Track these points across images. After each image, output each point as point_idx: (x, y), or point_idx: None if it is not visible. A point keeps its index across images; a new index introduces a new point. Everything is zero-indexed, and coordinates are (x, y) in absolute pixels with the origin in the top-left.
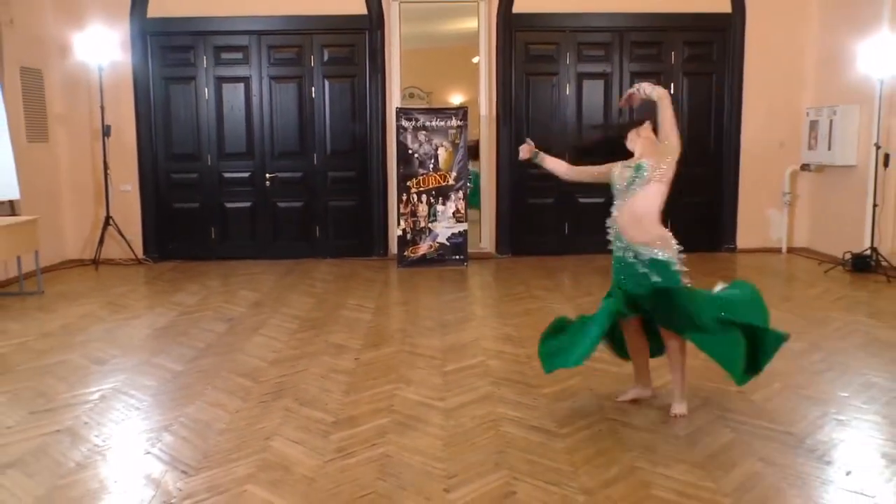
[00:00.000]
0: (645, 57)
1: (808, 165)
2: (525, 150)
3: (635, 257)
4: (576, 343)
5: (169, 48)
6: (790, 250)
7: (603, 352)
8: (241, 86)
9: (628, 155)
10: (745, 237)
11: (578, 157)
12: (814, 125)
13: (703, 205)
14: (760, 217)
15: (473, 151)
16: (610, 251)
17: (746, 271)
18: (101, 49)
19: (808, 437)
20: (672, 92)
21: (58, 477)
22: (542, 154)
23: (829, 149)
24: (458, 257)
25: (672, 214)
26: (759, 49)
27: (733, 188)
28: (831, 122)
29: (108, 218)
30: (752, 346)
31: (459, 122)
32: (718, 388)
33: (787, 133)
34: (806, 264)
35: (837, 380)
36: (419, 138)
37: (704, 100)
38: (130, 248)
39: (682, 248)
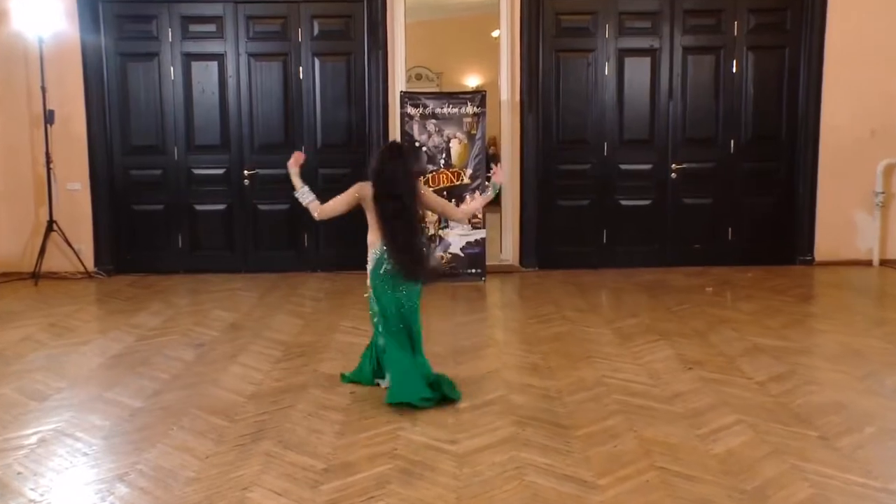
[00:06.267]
0: (701, 28)
1: None
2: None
3: None
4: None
5: (126, 17)
6: (883, 263)
7: (653, 386)
8: (215, 64)
9: None
10: (826, 247)
11: None
12: None
13: (773, 207)
14: (846, 222)
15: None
16: (655, 265)
17: (826, 289)
18: (42, 16)
19: None
20: (734, 70)
21: None
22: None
23: None
24: (474, 271)
25: (734, 219)
26: (845, 16)
27: (811, 187)
28: None
29: (51, 222)
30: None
31: (476, 109)
32: (794, 432)
33: (879, 119)
34: None
35: None
36: (428, 128)
37: (774, 79)
38: (79, 258)
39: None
